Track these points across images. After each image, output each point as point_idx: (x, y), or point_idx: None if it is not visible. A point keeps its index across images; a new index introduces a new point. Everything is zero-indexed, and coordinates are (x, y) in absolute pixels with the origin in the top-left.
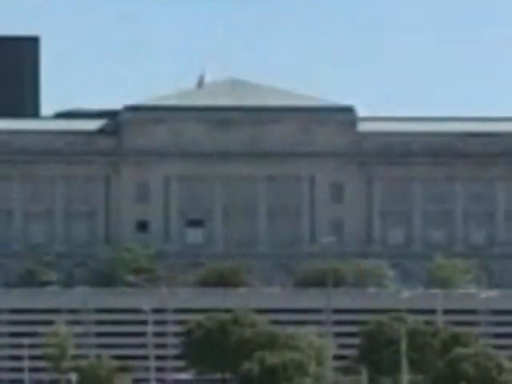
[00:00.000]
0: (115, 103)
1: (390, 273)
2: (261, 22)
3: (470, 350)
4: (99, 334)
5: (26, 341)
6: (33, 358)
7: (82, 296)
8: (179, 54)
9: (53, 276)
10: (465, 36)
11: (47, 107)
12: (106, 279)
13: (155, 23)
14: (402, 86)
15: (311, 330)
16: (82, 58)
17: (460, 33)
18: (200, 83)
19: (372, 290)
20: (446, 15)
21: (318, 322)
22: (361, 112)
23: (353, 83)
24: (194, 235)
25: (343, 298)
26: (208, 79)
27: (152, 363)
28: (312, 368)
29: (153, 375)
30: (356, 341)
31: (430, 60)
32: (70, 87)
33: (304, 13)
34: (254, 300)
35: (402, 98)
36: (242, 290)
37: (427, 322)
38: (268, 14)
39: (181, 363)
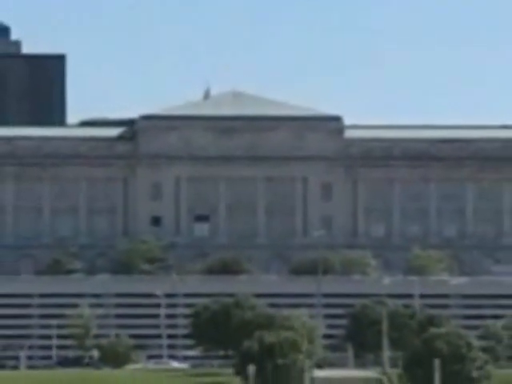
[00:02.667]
0: (132, 113)
1: (373, 262)
2: (260, 40)
3: (443, 330)
4: (118, 316)
5: (53, 322)
6: (60, 337)
7: (103, 282)
8: (188, 69)
9: (77, 265)
10: (440, 54)
11: (72, 116)
12: (124, 267)
13: (167, 44)
14: (384, 98)
15: (304, 312)
16: (102, 73)
17: (435, 50)
18: (206, 95)
19: (357, 277)
20: (425, 32)
21: (309, 305)
22: (347, 121)
23: (340, 95)
24: (201, 229)
25: (332, 284)
26: (213, 91)
27: (164, 341)
28: (304, 346)
29: (165, 352)
30: (343, 322)
31: (409, 75)
32: (93, 99)
33: (298, 33)
34: (253, 286)
35: (383, 109)
36: (243, 277)
37: (405, 306)
38: (267, 32)
39: (189, 341)
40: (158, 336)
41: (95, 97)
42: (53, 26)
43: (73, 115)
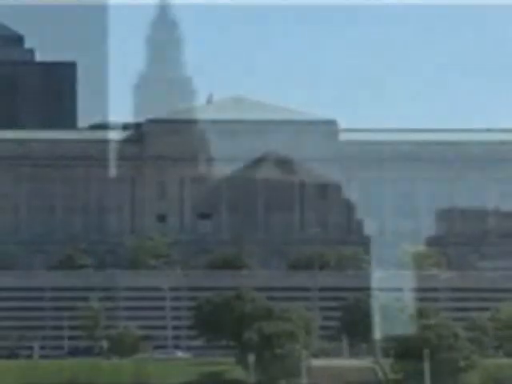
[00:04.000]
0: (139, 117)
1: (366, 257)
2: (259, 48)
3: (432, 322)
4: (126, 308)
5: (65, 314)
6: (71, 328)
7: (112, 277)
8: (192, 76)
9: (88, 260)
10: (431, 59)
11: (83, 120)
12: (131, 263)
13: (171, 52)
14: (376, 103)
15: (301, 305)
16: (110, 78)
17: (427, 55)
18: (209, 100)
19: (351, 271)
20: (419, 36)
21: (306, 299)
22: (342, 124)
23: (335, 100)
24: (204, 226)
25: (327, 279)
26: (215, 97)
27: (169, 332)
28: (302, 337)
29: (170, 342)
30: (338, 314)
31: (402, 81)
32: (102, 104)
33: (294, 43)
34: (253, 280)
35: (376, 113)
36: (243, 271)
37: (397, 299)
38: (267, 42)
39: (193, 332)
40: (164, 327)
41: (104, 102)
42: (64, 34)
43: (83, 119)
